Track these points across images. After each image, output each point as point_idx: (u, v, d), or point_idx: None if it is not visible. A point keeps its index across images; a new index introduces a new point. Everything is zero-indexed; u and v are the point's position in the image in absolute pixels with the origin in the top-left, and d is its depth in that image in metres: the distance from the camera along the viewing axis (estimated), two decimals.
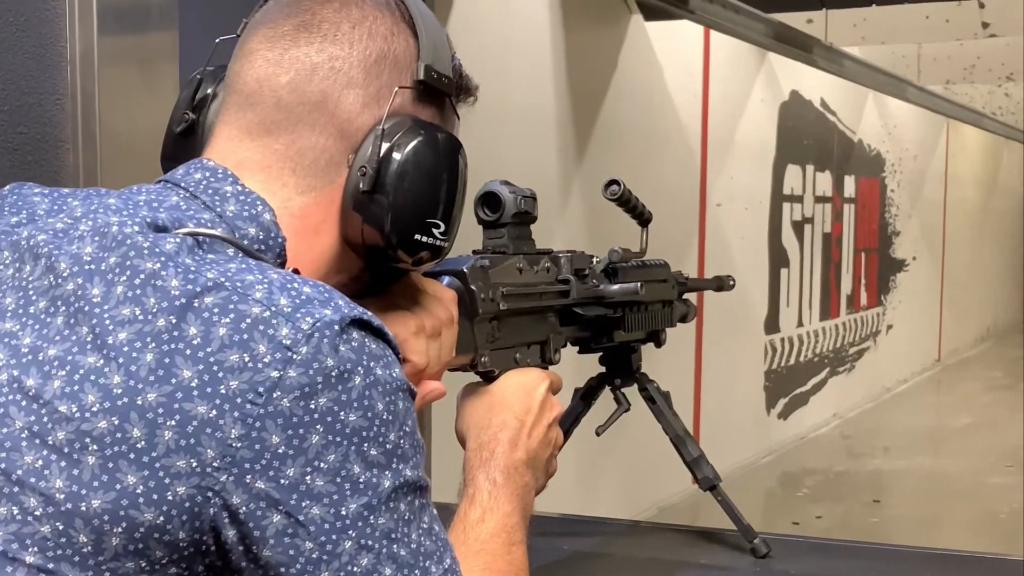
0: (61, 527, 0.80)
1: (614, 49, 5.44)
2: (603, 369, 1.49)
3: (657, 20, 5.63)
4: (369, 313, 0.87)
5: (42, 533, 0.80)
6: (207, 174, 0.95)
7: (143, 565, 0.81)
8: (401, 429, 0.85)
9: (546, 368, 1.27)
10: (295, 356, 0.81)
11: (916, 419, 9.05)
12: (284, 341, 0.81)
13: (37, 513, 0.81)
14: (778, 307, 7.57)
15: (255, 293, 0.83)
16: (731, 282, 1.67)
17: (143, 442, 0.80)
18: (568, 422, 1.47)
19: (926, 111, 10.18)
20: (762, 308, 7.32)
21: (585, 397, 1.50)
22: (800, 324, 7.99)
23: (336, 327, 0.83)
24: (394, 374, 0.86)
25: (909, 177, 10.54)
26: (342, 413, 0.82)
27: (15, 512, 0.81)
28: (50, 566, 0.80)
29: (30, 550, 0.80)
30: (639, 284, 1.37)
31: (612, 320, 1.39)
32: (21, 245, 0.90)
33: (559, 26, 4.88)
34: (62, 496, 0.80)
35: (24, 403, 0.82)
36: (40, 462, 0.81)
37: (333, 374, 0.82)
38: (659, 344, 1.52)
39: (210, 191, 0.94)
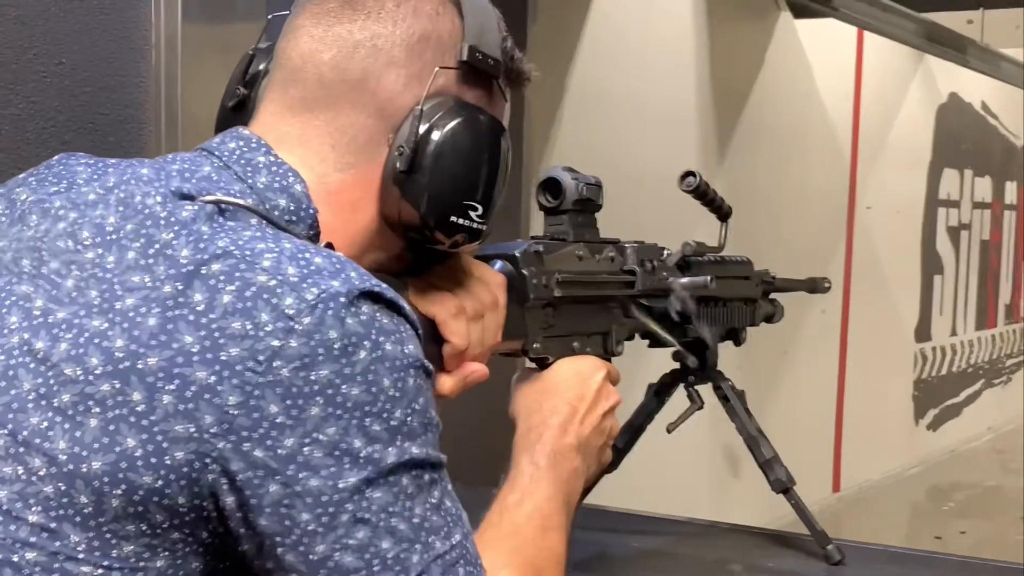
0: (63, 487, 0.81)
1: (761, 46, 5.34)
2: (677, 365, 1.46)
3: (806, 18, 5.50)
4: (383, 286, 0.86)
5: (45, 493, 0.82)
6: (241, 143, 0.96)
7: (144, 528, 0.82)
8: (410, 406, 0.84)
9: (608, 359, 1.24)
10: (297, 326, 0.81)
11: None
12: (287, 311, 0.81)
13: (41, 473, 0.82)
14: (930, 315, 7.32)
15: (263, 262, 0.83)
16: (826, 284, 1.61)
17: (143, 405, 0.80)
18: (641, 418, 1.44)
19: None
20: (913, 315, 7.10)
21: (659, 393, 1.47)
22: (954, 333, 7.72)
23: (343, 299, 0.83)
24: (406, 350, 0.85)
25: None
26: (344, 386, 0.81)
27: (20, 472, 0.82)
28: (52, 525, 0.81)
29: (33, 509, 0.82)
30: (710, 278, 1.33)
31: (683, 315, 1.36)
32: (49, 212, 0.92)
33: (703, 21, 4.81)
34: (64, 457, 0.81)
35: (33, 365, 0.84)
36: (45, 423, 0.82)
37: (336, 346, 0.81)
38: (738, 343, 1.48)
39: (243, 162, 0.95)
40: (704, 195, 1.39)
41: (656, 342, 1.38)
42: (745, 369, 2.71)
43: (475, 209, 0.99)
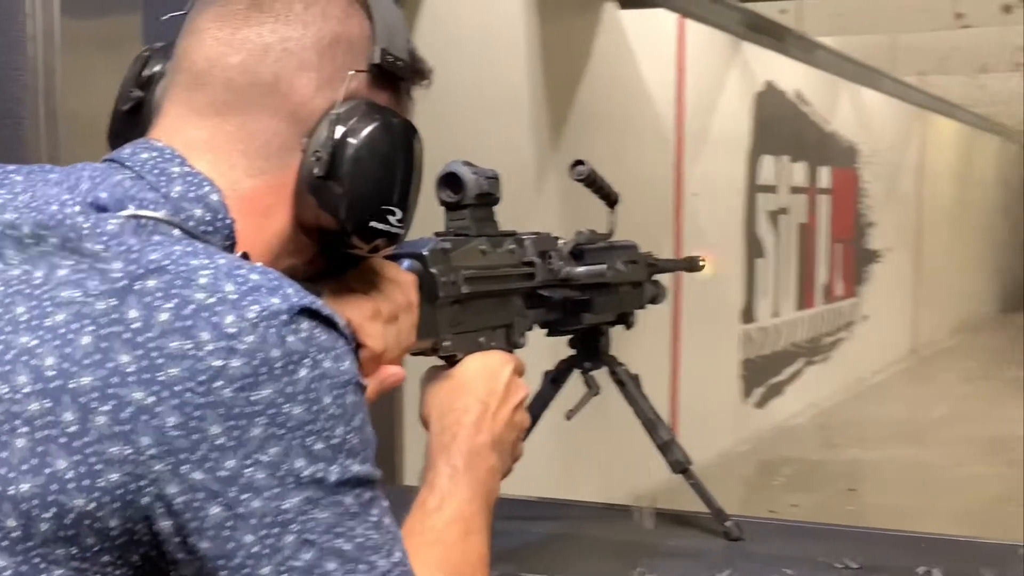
0: None
1: (588, 37, 5.42)
2: (573, 352, 1.47)
3: (633, 8, 5.60)
4: (320, 302, 0.85)
5: None
6: (154, 154, 0.93)
7: (74, 552, 0.79)
8: (350, 424, 0.83)
9: (511, 352, 1.24)
10: (239, 345, 0.79)
11: (892, 409, 9.07)
12: (228, 329, 0.79)
13: None
14: (754, 297, 7.57)
15: (200, 278, 0.81)
16: (701, 262, 1.64)
17: (75, 426, 0.78)
18: (538, 406, 1.44)
19: (900, 102, 10.20)
20: (738, 298, 7.32)
21: (555, 381, 1.47)
22: (776, 314, 8.00)
23: (284, 316, 0.81)
24: (344, 367, 0.84)
25: (883, 168, 10.56)
26: (286, 405, 0.80)
27: None
28: None
29: None
30: (606, 265, 1.34)
31: (580, 302, 1.37)
32: None
33: (533, 11, 4.86)
34: None
35: None
36: None
37: (278, 365, 0.80)
38: (629, 326, 1.49)
39: (156, 171, 0.91)
40: (593, 183, 1.41)
41: (554, 331, 1.39)
42: None
43: (393, 213, 0.98)
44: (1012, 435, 7.89)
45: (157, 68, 1.02)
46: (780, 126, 7.96)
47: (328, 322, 0.84)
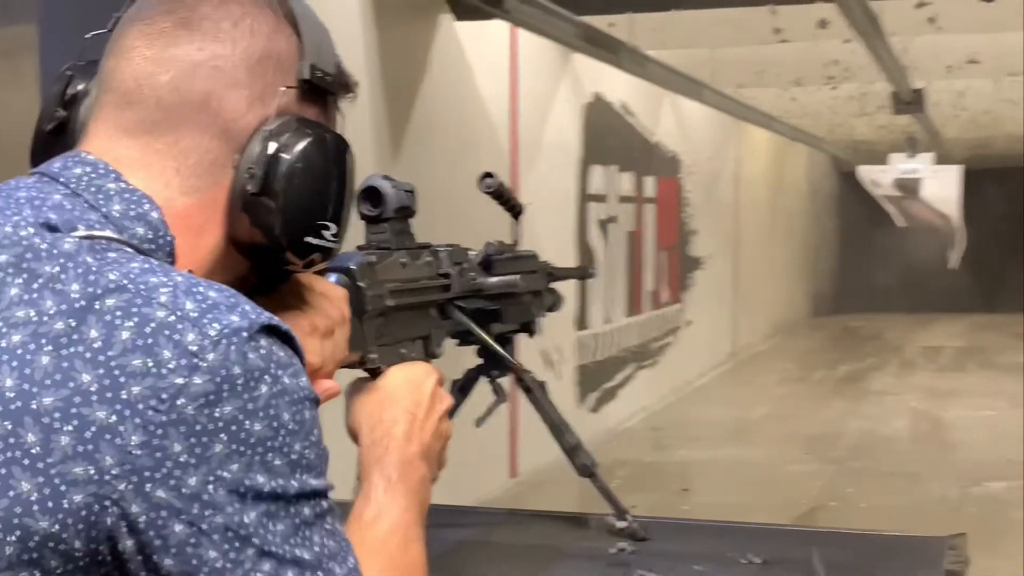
0: None
1: (425, 48, 5.44)
2: (480, 361, 1.49)
3: (470, 19, 5.65)
4: (277, 319, 0.86)
5: None
6: (87, 169, 0.92)
7: (36, 575, 0.78)
8: (307, 439, 0.85)
9: (428, 362, 1.27)
10: (201, 363, 0.80)
11: (717, 411, 9.36)
12: (190, 347, 0.80)
13: None
14: (586, 304, 7.71)
15: (160, 296, 0.82)
16: (592, 271, 1.69)
17: (38, 448, 0.77)
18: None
19: (718, 113, 10.54)
20: (572, 305, 7.45)
21: (463, 389, 1.49)
22: (608, 320, 8.16)
23: (244, 334, 0.82)
24: (301, 383, 0.86)
25: (704, 177, 10.89)
26: (247, 422, 0.81)
27: None
28: None
29: None
30: (518, 276, 1.38)
31: (490, 312, 1.41)
32: None
33: (371, 25, 4.85)
34: None
35: None
36: None
37: (239, 382, 0.81)
38: (531, 334, 1.52)
39: (92, 188, 0.91)
40: (500, 195, 1.44)
41: (465, 341, 1.41)
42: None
43: (328, 228, 0.98)
44: (829, 433, 8.26)
45: (80, 87, 1.02)
46: (608, 137, 8.14)
47: (286, 338, 0.86)
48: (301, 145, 0.96)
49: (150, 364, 0.79)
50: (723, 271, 11.77)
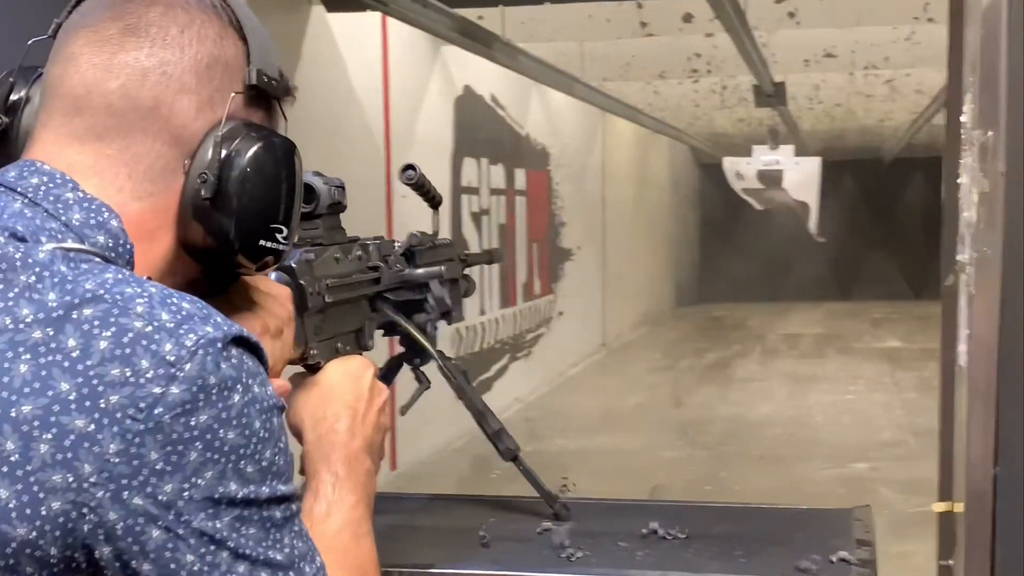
0: None
1: (296, 40, 5.39)
2: (402, 349, 1.49)
3: (343, 11, 5.61)
4: (246, 331, 0.88)
5: None
6: (44, 179, 0.92)
7: None
8: (276, 446, 0.88)
9: (361, 354, 1.28)
10: (179, 373, 0.81)
11: (591, 400, 9.49)
12: (168, 357, 0.82)
13: None
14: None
15: (136, 307, 0.83)
16: (500, 255, 1.71)
17: (17, 455, 0.78)
18: None
19: (585, 105, 10.67)
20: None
21: (385, 378, 1.49)
22: (482, 312, 8.20)
23: (219, 344, 0.84)
24: (269, 391, 0.88)
25: (571, 170, 11.02)
26: (221, 431, 0.83)
27: None
28: None
29: None
30: (443, 266, 1.40)
31: (415, 302, 1.43)
32: None
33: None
34: None
35: None
36: None
37: (214, 392, 0.83)
38: (450, 321, 1.53)
39: (51, 198, 0.91)
40: (421, 187, 1.46)
41: (391, 331, 1.43)
42: None
43: (280, 231, 0.99)
44: (700, 419, 8.46)
45: (23, 93, 1.03)
46: (479, 129, 8.17)
47: (253, 348, 0.88)
48: (252, 150, 0.97)
49: (128, 374, 0.80)
50: (592, 263, 11.93)
